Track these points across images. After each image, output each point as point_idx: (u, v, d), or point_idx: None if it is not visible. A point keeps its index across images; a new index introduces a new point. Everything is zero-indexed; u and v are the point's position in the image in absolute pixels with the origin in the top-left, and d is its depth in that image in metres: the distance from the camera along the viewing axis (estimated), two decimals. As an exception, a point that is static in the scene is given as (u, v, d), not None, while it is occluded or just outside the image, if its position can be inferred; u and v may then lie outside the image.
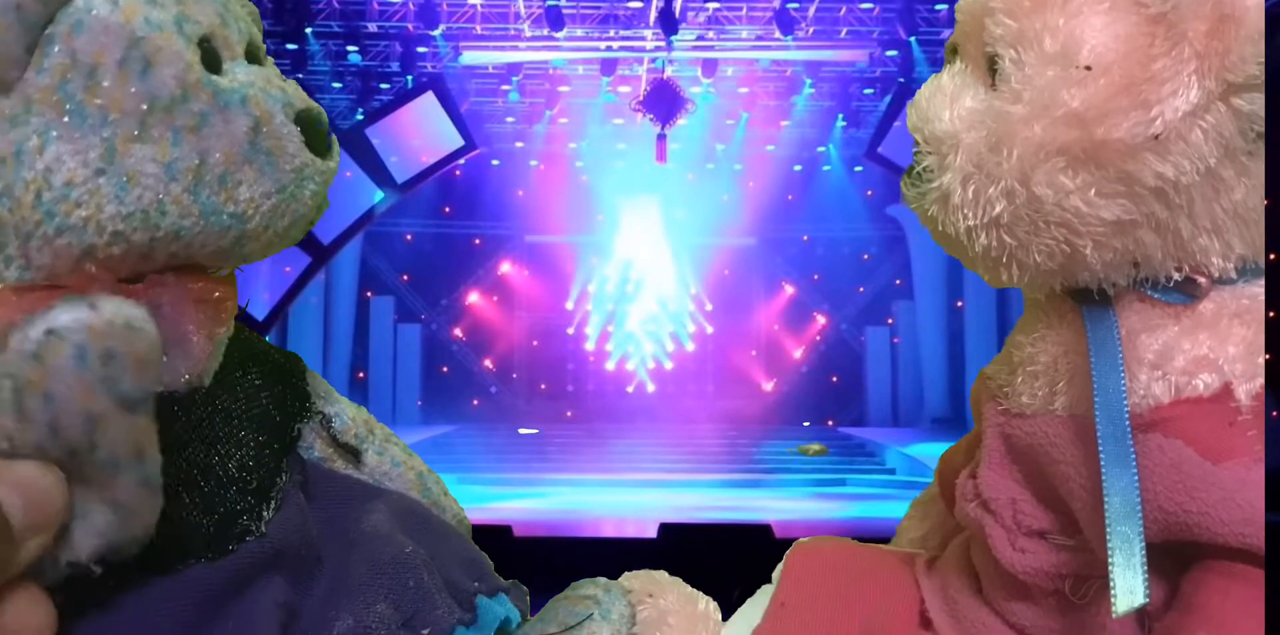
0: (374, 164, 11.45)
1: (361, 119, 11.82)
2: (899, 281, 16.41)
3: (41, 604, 0.56)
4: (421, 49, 11.97)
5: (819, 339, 17.19)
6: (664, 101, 12.31)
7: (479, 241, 16.98)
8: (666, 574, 0.95)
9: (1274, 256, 0.96)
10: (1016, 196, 0.74)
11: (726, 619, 0.92)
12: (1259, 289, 0.76)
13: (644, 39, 12.03)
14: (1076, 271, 0.76)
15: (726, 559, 3.40)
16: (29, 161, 0.63)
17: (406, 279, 16.59)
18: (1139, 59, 0.71)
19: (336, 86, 12.46)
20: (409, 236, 16.52)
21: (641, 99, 12.51)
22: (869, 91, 13.37)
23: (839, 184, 16.03)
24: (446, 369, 16.87)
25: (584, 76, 13.44)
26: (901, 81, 11.72)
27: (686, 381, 16.90)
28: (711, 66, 12.42)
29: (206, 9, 0.71)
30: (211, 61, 0.70)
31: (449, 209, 16.49)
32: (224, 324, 0.75)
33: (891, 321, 16.63)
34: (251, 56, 0.75)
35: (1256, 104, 0.71)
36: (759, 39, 12.12)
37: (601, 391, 16.88)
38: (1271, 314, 0.82)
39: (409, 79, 11.99)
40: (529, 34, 11.87)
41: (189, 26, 0.68)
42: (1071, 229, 0.73)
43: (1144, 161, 0.71)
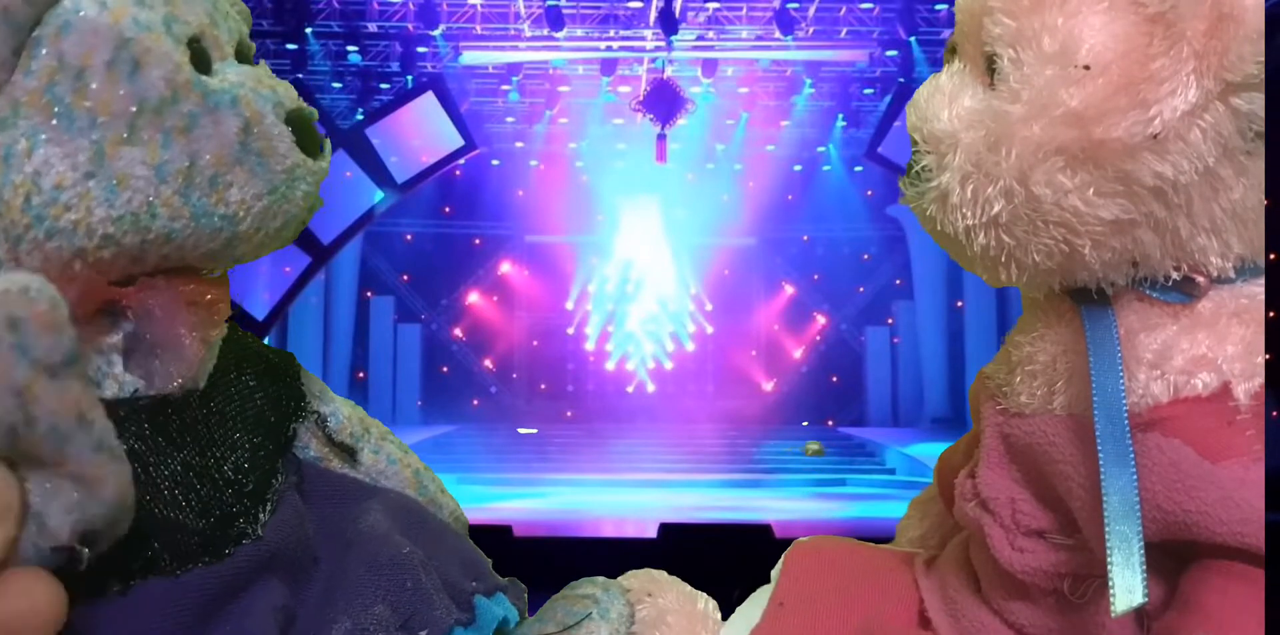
0: (374, 164, 11.44)
1: (361, 119, 11.81)
2: (899, 281, 16.41)
3: (40, 583, 0.54)
4: (421, 49, 11.96)
5: (819, 339, 17.18)
6: (664, 101, 12.30)
7: (479, 241, 16.97)
8: (666, 573, 0.95)
9: (1273, 256, 0.96)
10: (1015, 196, 0.74)
11: (726, 618, 0.92)
12: (1258, 288, 0.76)
13: (644, 39, 12.02)
14: (1075, 271, 0.76)
15: (726, 559, 3.40)
16: (17, 165, 0.62)
17: (406, 279, 16.59)
18: (1137, 58, 0.71)
19: (336, 86, 12.45)
20: (409, 236, 16.51)
21: (641, 99, 12.50)
22: (869, 91, 13.35)
23: (839, 184, 16.02)
24: (446, 369, 16.86)
25: (584, 76, 13.43)
26: (901, 81, 11.70)
27: (686, 381, 16.89)
28: (711, 66, 12.41)
29: (196, 9, 0.70)
30: (201, 62, 0.69)
31: (449, 209, 16.49)
32: (217, 326, 0.74)
33: (891, 321, 16.63)
34: (242, 56, 0.74)
35: (1255, 103, 0.71)
36: (759, 39, 12.11)
37: (601, 391, 16.87)
38: (1271, 314, 0.82)
39: (409, 79, 11.98)
40: (529, 34, 11.86)
41: (178, 27, 0.67)
42: (1070, 228, 0.73)
43: (1142, 161, 0.71)
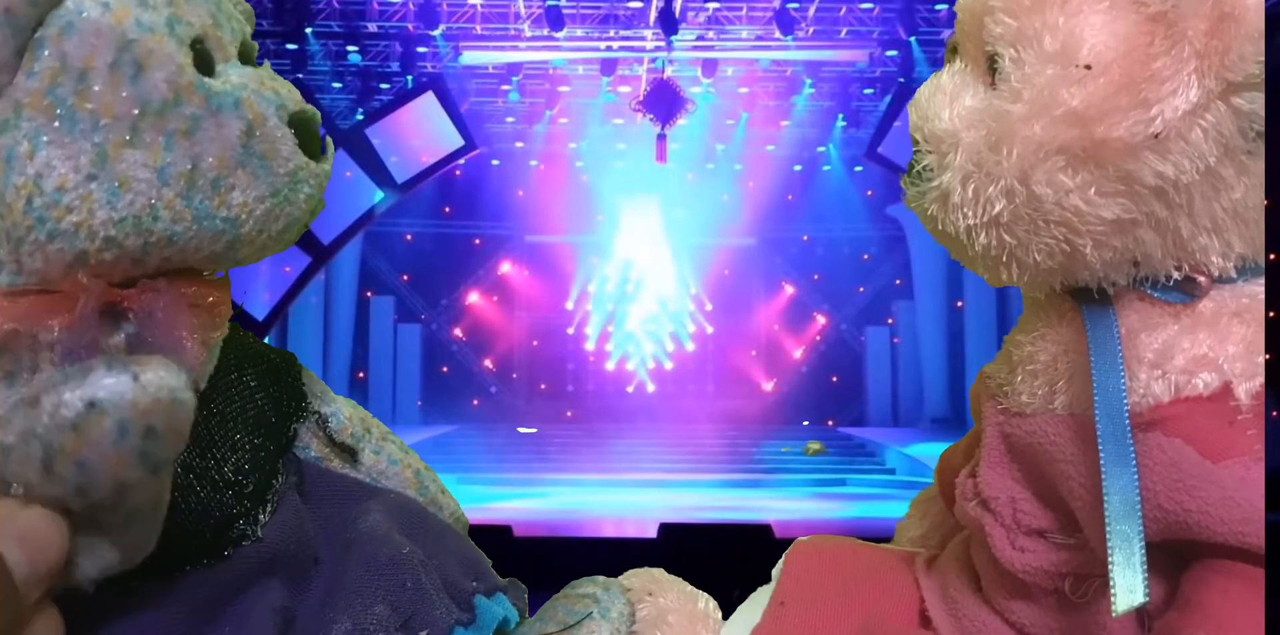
0: (374, 164, 11.44)
1: (361, 119, 11.81)
2: (899, 281, 16.41)
3: (51, 621, 0.56)
4: (421, 49, 11.96)
5: (819, 339, 17.19)
6: (664, 101, 12.30)
7: (479, 241, 16.98)
8: (666, 573, 0.95)
9: (1274, 256, 0.96)
10: (1016, 195, 0.74)
11: (726, 618, 0.92)
12: (1259, 288, 0.76)
13: (644, 39, 12.02)
14: (1076, 270, 0.76)
15: (726, 559, 3.40)
16: (19, 167, 0.62)
17: (406, 279, 16.59)
18: (1139, 58, 0.71)
19: (336, 86, 12.45)
20: (409, 236, 16.51)
21: (641, 99, 12.50)
22: (869, 91, 13.35)
23: (839, 184, 16.02)
24: (446, 369, 16.86)
25: (584, 76, 13.43)
26: (901, 81, 11.70)
27: (686, 381, 16.89)
28: (711, 66, 12.42)
29: (199, 10, 0.69)
30: (204, 63, 0.69)
31: (449, 209, 16.49)
32: (218, 328, 0.74)
33: (891, 321, 16.63)
34: (245, 57, 0.74)
35: (1256, 103, 0.71)
36: (759, 39, 12.11)
37: (601, 391, 16.87)
38: (1271, 313, 0.82)
39: (409, 79, 11.98)
40: (529, 34, 11.86)
41: (181, 28, 0.67)
42: (1071, 228, 0.73)
43: (1144, 160, 0.71)
